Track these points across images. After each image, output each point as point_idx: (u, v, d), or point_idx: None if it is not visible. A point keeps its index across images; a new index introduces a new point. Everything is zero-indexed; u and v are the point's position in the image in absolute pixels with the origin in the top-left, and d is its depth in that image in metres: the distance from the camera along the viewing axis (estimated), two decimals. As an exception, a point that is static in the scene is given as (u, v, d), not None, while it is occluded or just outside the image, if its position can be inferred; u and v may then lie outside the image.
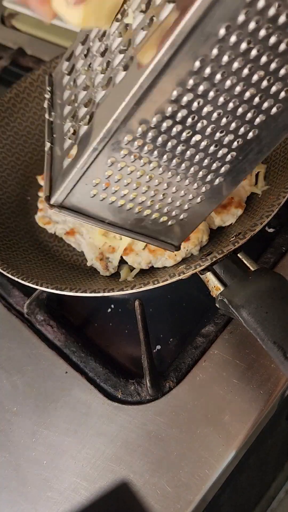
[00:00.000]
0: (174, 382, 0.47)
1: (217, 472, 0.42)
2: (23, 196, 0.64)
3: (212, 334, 0.49)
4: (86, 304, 0.57)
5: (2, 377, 0.51)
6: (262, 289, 0.38)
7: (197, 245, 0.51)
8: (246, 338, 0.48)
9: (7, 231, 0.58)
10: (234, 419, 0.44)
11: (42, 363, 0.51)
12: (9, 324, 0.55)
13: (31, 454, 0.46)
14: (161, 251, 0.51)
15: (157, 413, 0.45)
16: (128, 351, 0.53)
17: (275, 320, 0.37)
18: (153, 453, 0.43)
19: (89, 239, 0.56)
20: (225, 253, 0.42)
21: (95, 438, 0.45)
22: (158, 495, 0.41)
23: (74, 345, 0.51)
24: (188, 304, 0.55)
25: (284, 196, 0.45)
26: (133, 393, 0.47)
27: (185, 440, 0.43)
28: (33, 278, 0.49)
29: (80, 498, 0.43)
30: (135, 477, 0.42)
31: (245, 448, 0.44)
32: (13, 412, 0.49)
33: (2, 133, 0.66)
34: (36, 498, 0.44)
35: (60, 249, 0.58)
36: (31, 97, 0.69)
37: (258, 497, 0.71)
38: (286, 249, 0.53)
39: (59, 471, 0.44)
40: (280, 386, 0.45)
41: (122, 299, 0.56)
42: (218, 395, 0.45)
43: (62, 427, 0.47)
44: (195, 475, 0.42)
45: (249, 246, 0.43)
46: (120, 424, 0.46)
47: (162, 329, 0.53)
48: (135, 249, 0.52)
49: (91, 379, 0.49)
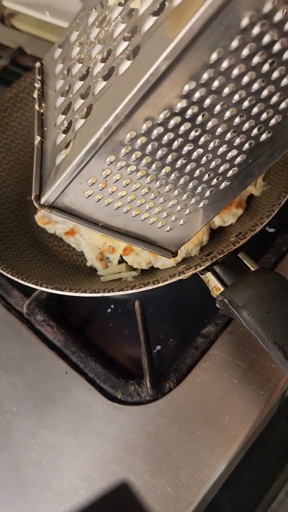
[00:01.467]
0: (174, 383, 0.47)
1: (218, 473, 0.41)
2: (23, 196, 0.64)
3: (213, 335, 0.49)
4: (86, 304, 0.57)
5: (2, 378, 0.51)
6: (263, 290, 0.38)
7: (197, 245, 0.51)
8: (246, 339, 0.48)
9: (6, 231, 0.58)
10: (235, 419, 0.44)
11: (42, 364, 0.51)
12: (9, 325, 0.55)
13: (30, 454, 0.46)
14: (161, 251, 0.51)
15: (157, 414, 0.45)
16: (128, 351, 0.53)
17: (276, 320, 0.36)
18: (153, 453, 0.43)
19: (89, 239, 0.56)
20: (225, 253, 0.41)
21: (95, 438, 0.45)
22: (158, 495, 0.41)
23: (74, 345, 0.51)
24: (188, 304, 0.55)
25: (285, 196, 0.44)
26: (133, 394, 0.47)
27: (185, 441, 0.43)
28: (32, 278, 0.48)
29: (80, 499, 0.43)
30: (135, 478, 0.42)
31: (246, 449, 0.44)
32: (12, 413, 0.49)
33: (2, 133, 0.65)
34: (36, 499, 0.43)
35: (60, 249, 0.58)
36: (31, 97, 0.69)
37: (259, 498, 0.71)
38: (286, 249, 0.53)
39: (59, 472, 0.44)
40: (280, 387, 0.45)
41: (122, 299, 0.56)
42: (219, 396, 0.45)
43: (62, 427, 0.47)
44: (196, 475, 0.41)
45: (250, 246, 0.43)
46: (120, 424, 0.45)
47: (162, 330, 0.53)
48: (135, 249, 0.52)
49: (91, 379, 0.49)
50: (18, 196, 0.63)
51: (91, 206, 0.34)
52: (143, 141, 0.31)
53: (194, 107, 0.30)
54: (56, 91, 0.38)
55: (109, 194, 0.34)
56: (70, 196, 0.33)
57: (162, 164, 0.33)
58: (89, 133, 0.30)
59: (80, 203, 0.34)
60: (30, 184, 0.64)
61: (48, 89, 0.39)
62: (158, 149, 0.32)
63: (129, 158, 0.32)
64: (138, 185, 0.34)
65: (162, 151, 0.32)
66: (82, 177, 0.32)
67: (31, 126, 0.68)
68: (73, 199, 0.33)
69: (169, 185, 0.35)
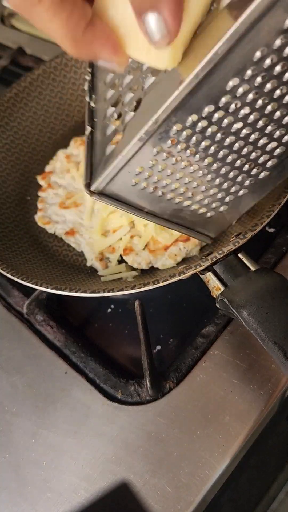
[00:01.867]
0: (174, 383, 0.47)
1: (218, 473, 0.41)
2: (23, 196, 0.64)
3: (213, 335, 0.49)
4: (86, 304, 0.57)
5: (2, 378, 0.51)
6: (263, 289, 0.38)
7: (197, 245, 0.51)
8: (246, 339, 0.48)
9: (6, 231, 0.58)
10: (235, 419, 0.44)
11: (42, 364, 0.51)
12: (9, 325, 0.55)
13: (30, 454, 0.46)
14: (161, 251, 0.51)
15: (157, 414, 0.45)
16: (128, 351, 0.53)
17: (276, 320, 0.36)
18: (153, 453, 0.43)
19: (89, 239, 0.56)
20: (225, 253, 0.41)
21: (95, 438, 0.45)
22: (158, 495, 0.41)
23: (74, 345, 0.51)
24: (188, 304, 0.55)
25: (285, 196, 0.44)
26: (133, 394, 0.47)
27: (185, 441, 0.43)
28: (32, 278, 0.48)
29: (80, 499, 0.43)
30: (135, 478, 0.42)
31: (246, 449, 0.44)
32: (12, 413, 0.49)
33: (2, 133, 0.65)
34: (36, 499, 0.43)
35: (60, 249, 0.58)
36: (31, 97, 0.69)
37: (259, 498, 0.71)
38: (286, 249, 0.53)
39: (59, 472, 0.44)
40: (280, 387, 0.45)
41: (122, 299, 0.56)
42: (219, 396, 0.45)
43: (62, 427, 0.47)
44: (196, 475, 0.41)
45: (250, 246, 0.43)
46: (120, 424, 0.45)
47: (162, 330, 0.53)
48: (135, 249, 0.52)
49: (91, 379, 0.49)
50: (18, 196, 0.63)
51: (136, 193, 0.36)
52: (188, 133, 0.32)
53: (237, 102, 0.31)
54: (106, 84, 0.40)
55: (154, 182, 0.36)
56: (118, 184, 0.35)
57: (205, 155, 0.35)
58: (139, 125, 0.32)
59: (127, 191, 0.36)
60: (30, 184, 0.65)
61: (97, 81, 0.41)
62: (202, 141, 0.33)
63: (174, 149, 0.33)
64: (182, 174, 0.36)
65: (205, 143, 0.33)
66: (130, 166, 0.34)
67: (31, 126, 0.68)
68: (121, 187, 0.35)
69: (211, 174, 0.36)
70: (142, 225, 0.52)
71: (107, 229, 0.55)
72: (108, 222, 0.55)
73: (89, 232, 0.56)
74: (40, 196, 0.63)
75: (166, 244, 0.51)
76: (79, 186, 0.61)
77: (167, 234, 0.51)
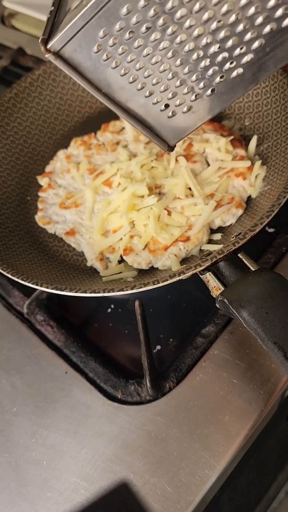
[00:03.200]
0: (174, 383, 0.47)
1: (217, 473, 0.41)
2: (23, 196, 0.64)
3: (212, 335, 0.49)
4: (86, 304, 0.57)
5: (2, 377, 0.51)
6: (263, 290, 0.38)
7: (197, 245, 0.51)
8: (246, 339, 0.48)
9: (7, 231, 0.58)
10: (234, 419, 0.44)
11: (42, 364, 0.51)
12: (9, 324, 0.55)
13: (31, 454, 0.46)
14: (161, 251, 0.51)
15: (157, 414, 0.45)
16: (128, 351, 0.53)
17: (276, 320, 0.36)
18: (153, 453, 0.43)
19: (89, 239, 0.56)
20: (225, 253, 0.41)
21: (95, 438, 0.45)
22: (158, 495, 0.41)
23: (74, 345, 0.51)
24: (188, 304, 0.55)
25: (285, 197, 0.44)
26: (133, 394, 0.47)
27: (185, 441, 0.43)
28: (33, 278, 0.49)
29: (80, 499, 0.43)
30: (135, 478, 0.42)
31: (245, 449, 0.44)
32: (12, 413, 0.49)
33: (2, 133, 0.65)
34: (36, 499, 0.43)
35: (60, 249, 0.58)
36: (31, 97, 0.69)
37: (258, 498, 0.71)
38: (286, 249, 0.53)
39: (59, 472, 0.44)
40: (280, 387, 0.45)
41: (122, 299, 0.56)
42: (218, 396, 0.45)
43: (62, 427, 0.47)
44: (195, 475, 0.42)
45: (250, 246, 0.43)
46: (120, 424, 0.46)
47: (162, 329, 0.53)
48: (135, 249, 0.52)
49: (91, 379, 0.49)
50: (18, 196, 0.63)
51: (97, 66, 0.33)
52: (157, 10, 0.30)
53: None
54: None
55: (118, 55, 0.33)
56: (78, 49, 0.32)
57: (162, 39, 0.32)
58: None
59: (87, 60, 0.33)
60: (31, 185, 0.65)
61: None
62: (163, 14, 0.31)
63: (143, 17, 0.31)
64: (150, 50, 0.33)
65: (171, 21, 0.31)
66: (92, 26, 0.31)
67: (31, 126, 0.68)
68: (82, 54, 0.32)
69: (180, 59, 0.34)
70: (142, 225, 0.52)
71: (107, 229, 0.55)
72: (108, 222, 0.55)
73: (89, 232, 0.56)
74: (40, 196, 0.63)
75: (166, 244, 0.51)
76: (80, 186, 0.61)
77: (167, 234, 0.51)
